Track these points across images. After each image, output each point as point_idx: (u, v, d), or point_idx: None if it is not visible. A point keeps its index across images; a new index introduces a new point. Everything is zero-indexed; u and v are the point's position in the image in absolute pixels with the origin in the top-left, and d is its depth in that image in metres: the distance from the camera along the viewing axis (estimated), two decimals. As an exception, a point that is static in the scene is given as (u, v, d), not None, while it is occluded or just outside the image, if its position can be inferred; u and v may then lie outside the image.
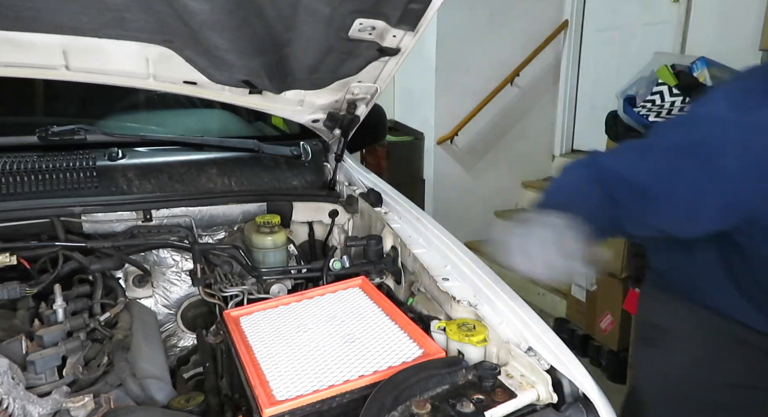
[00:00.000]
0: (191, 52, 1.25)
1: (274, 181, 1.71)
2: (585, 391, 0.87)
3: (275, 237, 1.42)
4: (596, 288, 2.89)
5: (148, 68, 1.30)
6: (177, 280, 1.51)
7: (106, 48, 1.22)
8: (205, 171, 1.63)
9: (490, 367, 0.88)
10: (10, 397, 0.81)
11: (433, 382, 0.86)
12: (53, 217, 1.33)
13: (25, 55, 1.20)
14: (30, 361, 0.96)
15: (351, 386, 0.87)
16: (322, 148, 1.82)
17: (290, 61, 1.29)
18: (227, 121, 2.23)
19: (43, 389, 0.94)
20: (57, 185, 1.43)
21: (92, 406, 0.86)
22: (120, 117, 2.09)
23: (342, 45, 1.21)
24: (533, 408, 0.87)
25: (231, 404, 0.99)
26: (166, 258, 1.51)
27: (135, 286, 1.46)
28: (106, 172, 1.51)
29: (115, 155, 1.57)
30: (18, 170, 1.42)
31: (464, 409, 0.81)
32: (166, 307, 1.50)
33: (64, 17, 1.08)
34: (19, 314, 1.15)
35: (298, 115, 1.62)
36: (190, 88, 1.42)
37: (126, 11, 1.06)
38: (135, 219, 1.44)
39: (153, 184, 1.55)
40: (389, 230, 1.43)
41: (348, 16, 1.10)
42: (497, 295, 1.07)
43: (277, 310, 1.15)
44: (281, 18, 1.10)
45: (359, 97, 1.54)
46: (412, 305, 1.23)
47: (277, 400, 0.83)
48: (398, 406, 0.80)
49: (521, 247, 0.99)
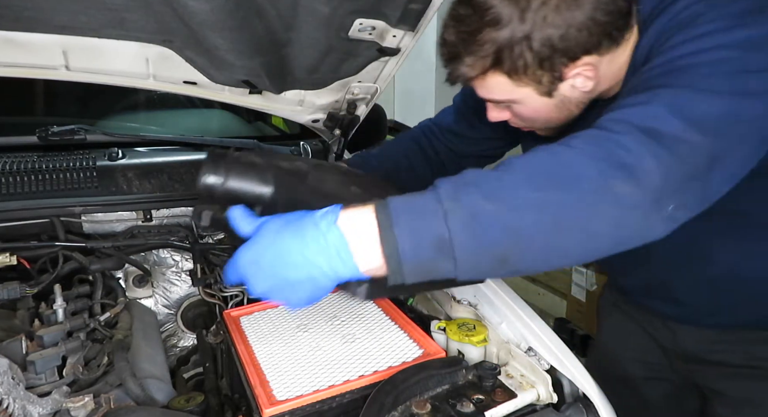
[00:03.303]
0: (191, 52, 1.25)
1: (274, 181, 1.70)
2: (585, 391, 0.87)
3: (275, 237, 1.42)
4: (596, 288, 2.90)
5: (148, 68, 1.30)
6: (177, 280, 1.51)
7: (106, 48, 1.22)
8: (206, 171, 1.63)
9: (490, 367, 0.88)
10: (10, 397, 0.81)
11: (433, 382, 0.86)
12: (53, 217, 1.33)
13: (25, 55, 1.20)
14: (30, 361, 0.96)
15: (351, 386, 0.87)
16: (322, 148, 1.82)
17: (290, 61, 1.29)
18: (227, 121, 2.23)
19: (43, 389, 0.94)
20: (57, 185, 1.42)
21: (92, 406, 0.86)
22: (120, 117, 2.09)
23: (342, 45, 1.21)
24: (533, 408, 0.87)
25: (231, 404, 0.99)
26: (166, 258, 1.51)
27: (135, 286, 1.46)
28: (106, 172, 1.51)
29: (115, 155, 1.57)
30: (18, 170, 1.42)
31: (464, 409, 0.81)
32: (166, 307, 1.50)
33: (64, 17, 1.08)
34: (19, 314, 1.15)
35: (298, 115, 1.61)
36: (190, 88, 1.42)
37: (126, 11, 1.06)
38: (135, 219, 1.44)
39: (153, 184, 1.55)
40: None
41: (348, 16, 1.10)
42: (497, 295, 1.07)
43: (277, 310, 1.15)
44: (281, 18, 1.10)
45: (359, 97, 1.54)
46: (412, 305, 1.23)
47: (277, 400, 0.84)
48: (398, 406, 0.81)
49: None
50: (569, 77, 0.86)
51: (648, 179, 0.66)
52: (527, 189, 0.66)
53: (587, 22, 0.79)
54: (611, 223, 0.67)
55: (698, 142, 0.68)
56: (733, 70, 0.71)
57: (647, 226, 0.68)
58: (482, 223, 0.64)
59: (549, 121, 0.97)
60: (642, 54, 0.85)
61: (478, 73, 0.86)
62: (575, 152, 0.69)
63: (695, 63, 0.73)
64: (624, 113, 0.73)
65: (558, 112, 0.94)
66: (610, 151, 0.67)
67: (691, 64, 0.73)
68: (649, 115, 0.70)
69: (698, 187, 0.70)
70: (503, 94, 0.91)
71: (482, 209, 0.64)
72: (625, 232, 0.69)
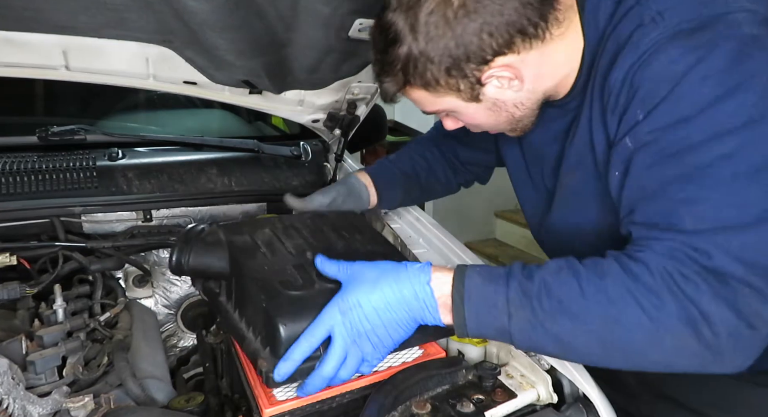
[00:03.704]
0: (191, 52, 1.25)
1: (274, 181, 1.70)
2: (585, 391, 0.87)
3: (275, 237, 1.42)
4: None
5: (148, 68, 1.30)
6: (177, 280, 1.51)
7: (106, 48, 1.22)
8: (205, 171, 1.63)
9: (490, 367, 0.88)
10: (10, 397, 0.81)
11: (433, 382, 0.86)
12: (53, 217, 1.33)
13: (25, 55, 1.20)
14: (30, 362, 0.96)
15: (351, 386, 0.86)
16: (322, 148, 1.82)
17: (290, 61, 1.29)
18: (227, 121, 2.23)
19: (43, 389, 0.94)
20: (57, 185, 1.43)
21: (92, 406, 0.86)
22: (120, 117, 2.09)
23: (342, 45, 1.21)
24: (533, 408, 0.87)
25: (231, 404, 0.99)
26: (166, 258, 1.51)
27: (135, 286, 1.46)
28: (106, 172, 1.51)
29: (115, 155, 1.57)
30: (18, 170, 1.42)
31: (464, 409, 0.81)
32: (166, 307, 1.50)
33: (64, 17, 1.08)
34: (19, 314, 1.15)
35: (298, 115, 1.61)
36: (190, 88, 1.42)
37: (126, 11, 1.06)
38: (135, 219, 1.44)
39: (153, 184, 1.55)
40: (389, 230, 1.43)
41: (348, 16, 1.10)
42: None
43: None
44: (281, 18, 1.10)
45: (359, 97, 1.54)
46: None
47: (277, 400, 0.83)
48: (398, 406, 0.81)
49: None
50: (487, 80, 0.84)
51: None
52: (586, 322, 0.71)
53: (485, 26, 0.77)
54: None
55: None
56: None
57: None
58: (539, 336, 0.74)
59: (497, 125, 0.96)
60: (598, 63, 0.82)
61: (398, 90, 0.89)
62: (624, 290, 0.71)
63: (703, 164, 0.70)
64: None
65: (497, 115, 0.92)
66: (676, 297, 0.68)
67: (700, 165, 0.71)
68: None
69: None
70: (431, 105, 0.92)
71: (542, 326, 0.73)
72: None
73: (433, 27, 0.78)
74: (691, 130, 0.71)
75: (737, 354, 0.68)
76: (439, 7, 0.77)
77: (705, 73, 0.70)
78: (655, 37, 0.74)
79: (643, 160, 0.76)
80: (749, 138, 0.68)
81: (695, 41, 0.71)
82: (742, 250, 0.67)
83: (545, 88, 0.90)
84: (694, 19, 0.73)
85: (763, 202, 0.68)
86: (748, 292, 0.66)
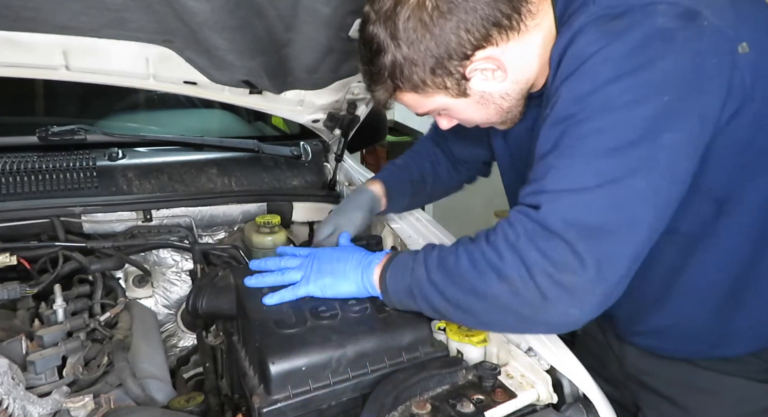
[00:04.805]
0: (191, 52, 1.25)
1: (274, 181, 1.71)
2: (585, 391, 0.87)
3: (275, 237, 1.42)
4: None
5: (148, 68, 1.30)
6: (177, 280, 1.51)
7: (106, 48, 1.22)
8: (205, 171, 1.63)
9: (490, 367, 0.88)
10: (10, 397, 0.81)
11: (433, 382, 0.86)
12: (53, 217, 1.33)
13: (25, 55, 1.20)
14: (30, 362, 0.96)
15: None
16: (322, 148, 1.82)
17: (290, 61, 1.29)
18: (227, 121, 2.23)
19: (43, 389, 0.94)
20: (57, 185, 1.42)
21: (92, 406, 0.86)
22: (120, 117, 2.09)
23: (342, 45, 1.21)
24: (533, 408, 0.87)
25: (231, 404, 1.00)
26: (166, 258, 1.51)
27: (135, 286, 1.46)
28: (106, 172, 1.51)
29: (115, 155, 1.57)
30: (18, 170, 1.42)
31: (464, 409, 0.81)
32: (166, 307, 1.50)
33: (64, 17, 1.08)
34: (19, 314, 1.15)
35: (298, 115, 1.62)
36: (190, 88, 1.42)
37: (126, 11, 1.06)
38: (135, 219, 1.44)
39: (153, 184, 1.55)
40: (389, 230, 1.43)
41: (348, 16, 1.10)
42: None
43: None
44: (281, 18, 1.10)
45: (359, 97, 1.54)
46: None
47: (277, 400, 0.83)
48: (398, 406, 0.80)
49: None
50: (471, 74, 0.88)
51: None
52: (450, 290, 0.84)
53: (461, 23, 0.81)
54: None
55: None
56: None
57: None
58: (427, 288, 0.87)
59: (488, 117, 0.98)
60: (554, 57, 0.85)
61: (390, 96, 0.94)
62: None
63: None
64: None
65: (486, 108, 0.95)
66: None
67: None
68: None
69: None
70: (422, 107, 0.96)
71: (429, 280, 0.87)
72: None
73: (412, 32, 0.83)
74: (583, 105, 0.77)
75: (559, 303, 0.74)
76: (414, 13, 0.82)
77: (607, 55, 0.76)
78: (583, 20, 0.80)
79: (544, 125, 0.83)
80: (624, 117, 0.75)
81: (612, 27, 0.77)
82: (568, 209, 0.75)
83: (527, 78, 0.92)
84: (619, 6, 0.78)
85: (611, 173, 0.74)
86: (562, 244, 0.73)
